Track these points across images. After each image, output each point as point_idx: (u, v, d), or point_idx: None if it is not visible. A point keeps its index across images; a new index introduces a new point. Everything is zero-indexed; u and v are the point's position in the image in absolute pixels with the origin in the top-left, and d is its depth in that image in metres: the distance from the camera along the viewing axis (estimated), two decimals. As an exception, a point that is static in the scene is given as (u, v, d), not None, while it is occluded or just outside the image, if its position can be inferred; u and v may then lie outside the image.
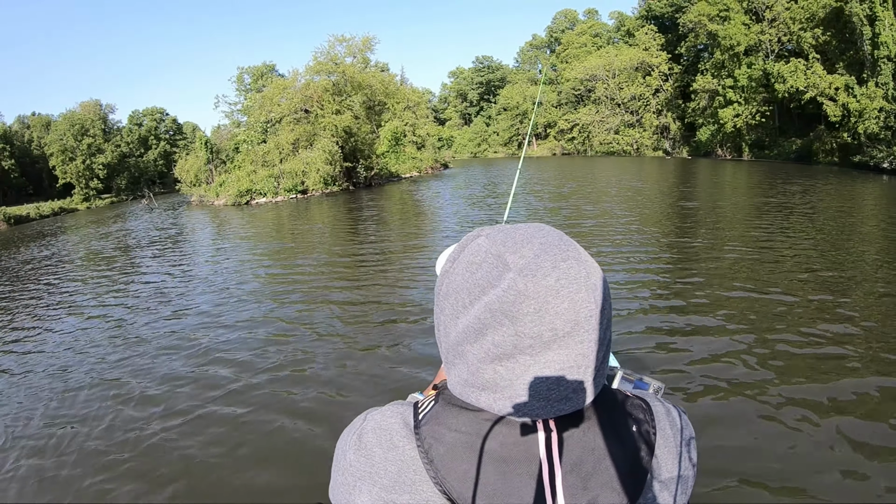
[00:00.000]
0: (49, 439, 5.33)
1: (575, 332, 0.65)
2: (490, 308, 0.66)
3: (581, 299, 0.66)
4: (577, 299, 0.65)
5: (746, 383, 5.26)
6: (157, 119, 74.22)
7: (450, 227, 16.90)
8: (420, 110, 51.45)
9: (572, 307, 0.65)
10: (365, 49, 41.97)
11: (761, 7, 39.37)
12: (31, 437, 5.45)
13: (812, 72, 34.75)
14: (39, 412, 6.02)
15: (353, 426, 0.77)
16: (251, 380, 6.26)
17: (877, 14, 28.54)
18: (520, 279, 0.65)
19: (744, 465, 4.04)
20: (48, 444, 5.24)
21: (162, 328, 8.72)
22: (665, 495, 0.71)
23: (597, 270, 0.70)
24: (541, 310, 0.64)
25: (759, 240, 11.40)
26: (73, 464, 4.84)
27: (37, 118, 62.31)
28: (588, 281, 0.67)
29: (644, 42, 58.97)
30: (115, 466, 4.72)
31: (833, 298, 7.47)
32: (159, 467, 4.65)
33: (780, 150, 37.83)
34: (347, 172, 37.11)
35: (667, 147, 54.41)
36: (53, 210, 48.34)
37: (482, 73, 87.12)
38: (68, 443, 5.22)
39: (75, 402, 6.15)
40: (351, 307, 8.92)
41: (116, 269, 15.25)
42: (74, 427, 5.53)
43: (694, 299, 7.91)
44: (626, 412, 0.73)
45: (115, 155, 59.98)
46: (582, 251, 0.71)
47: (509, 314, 0.65)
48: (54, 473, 4.73)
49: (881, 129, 27.95)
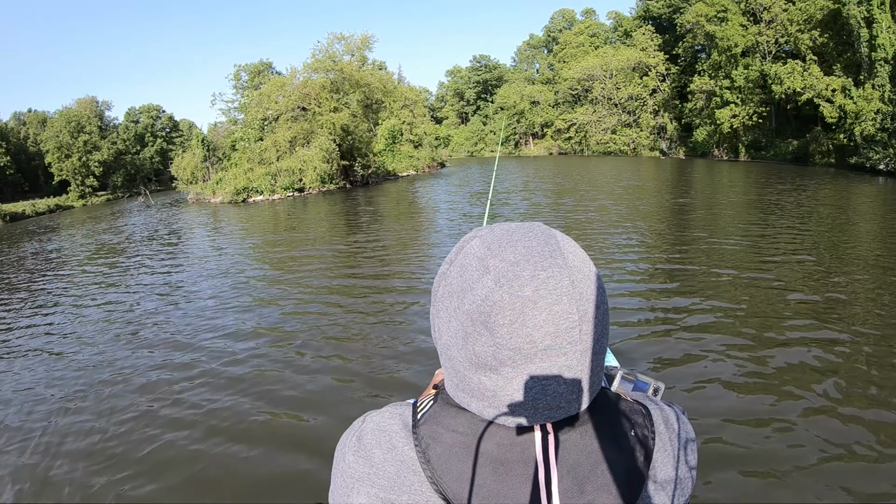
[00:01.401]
0: (46, 429, 5.34)
1: (556, 345, 0.64)
2: (470, 316, 0.66)
3: (561, 311, 0.63)
4: (557, 311, 0.63)
5: (747, 382, 5.27)
6: (153, 116, 74.06)
7: (447, 225, 16.93)
8: (417, 109, 51.48)
9: (551, 319, 0.63)
10: (363, 47, 41.90)
11: (759, 8, 39.39)
12: (28, 427, 5.46)
13: (809, 73, 34.82)
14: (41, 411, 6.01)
15: (352, 428, 0.76)
16: (253, 374, 6.27)
17: (874, 16, 28.61)
18: (496, 289, 0.64)
19: (744, 466, 4.05)
20: (48, 438, 5.24)
21: (160, 325, 8.71)
22: (662, 498, 0.71)
23: (586, 277, 0.68)
24: (516, 321, 0.63)
25: (755, 237, 11.45)
26: (74, 456, 4.84)
27: (33, 115, 62.14)
28: (572, 290, 0.65)
29: (641, 42, 58.94)
30: (123, 457, 4.73)
31: (828, 298, 7.50)
32: (164, 461, 4.65)
33: (777, 151, 37.87)
34: (344, 171, 37.07)
35: (663, 147, 54.42)
36: (49, 207, 48.23)
37: (479, 72, 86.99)
38: (68, 433, 5.22)
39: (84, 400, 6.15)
40: (349, 300, 8.92)
41: (117, 263, 15.21)
42: (77, 417, 5.54)
43: (694, 298, 7.93)
44: (624, 416, 0.73)
45: (111, 152, 59.80)
46: (571, 255, 0.68)
47: (487, 324, 0.64)
48: (50, 470, 4.72)
49: (877, 130, 27.99)
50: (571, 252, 0.69)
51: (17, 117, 63.44)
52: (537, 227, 0.72)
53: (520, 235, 0.69)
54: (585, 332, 0.66)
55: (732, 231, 12.82)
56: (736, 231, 12.79)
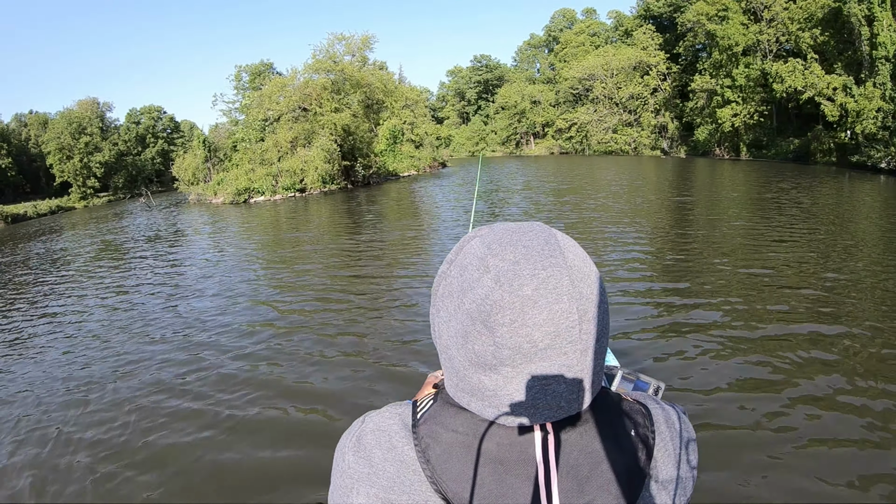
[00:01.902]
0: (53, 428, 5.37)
1: (556, 345, 0.64)
2: (470, 315, 0.66)
3: (561, 310, 0.63)
4: (557, 310, 0.63)
5: (749, 381, 5.28)
6: (154, 117, 74.01)
7: (447, 225, 16.94)
8: (418, 109, 51.49)
9: (551, 318, 0.63)
10: (364, 48, 41.87)
11: (759, 7, 39.37)
12: (31, 426, 5.50)
13: (810, 72, 34.77)
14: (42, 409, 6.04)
15: (351, 429, 0.76)
16: (259, 370, 6.30)
17: (875, 14, 28.56)
18: (496, 288, 0.64)
19: (744, 465, 4.05)
20: (56, 436, 5.27)
21: (164, 324, 8.75)
22: (664, 498, 0.71)
23: (586, 277, 0.67)
24: (516, 321, 0.63)
25: (757, 235, 11.45)
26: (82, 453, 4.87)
27: (34, 116, 62.11)
28: (572, 289, 0.64)
29: (642, 41, 58.94)
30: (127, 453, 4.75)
31: (830, 295, 7.50)
32: (167, 453, 4.68)
33: (778, 150, 37.83)
34: (346, 171, 37.10)
35: (664, 146, 54.40)
36: (51, 209, 48.36)
37: (480, 71, 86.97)
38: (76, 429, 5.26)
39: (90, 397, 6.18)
40: (351, 299, 8.95)
41: (121, 263, 15.24)
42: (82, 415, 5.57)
43: (695, 297, 7.94)
44: (625, 415, 0.73)
45: (112, 153, 59.83)
46: (571, 254, 0.68)
47: (487, 324, 0.64)
48: (58, 470, 4.75)
49: (879, 129, 27.96)
50: (571, 251, 0.69)
51: (18, 119, 63.46)
52: (537, 226, 0.72)
53: (520, 235, 0.69)
54: (586, 331, 0.65)
55: (733, 229, 12.81)
56: (737, 229, 12.78)
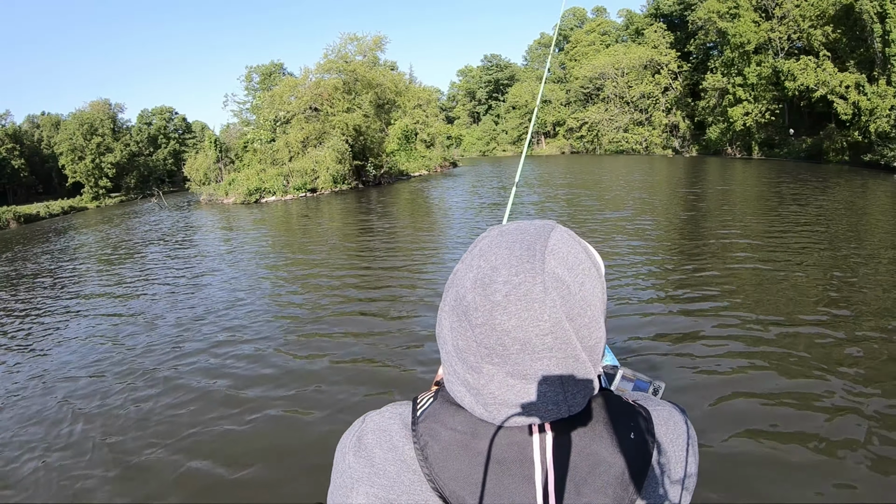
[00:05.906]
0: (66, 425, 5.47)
1: (526, 350, 0.64)
2: (455, 311, 0.69)
3: (530, 318, 0.64)
4: (526, 317, 0.64)
5: (751, 380, 5.26)
6: (166, 118, 74.43)
7: (460, 224, 16.98)
8: (430, 109, 51.42)
9: (520, 325, 0.64)
10: (375, 48, 41.87)
11: (771, 4, 39.10)
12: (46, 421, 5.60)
13: (822, 69, 34.48)
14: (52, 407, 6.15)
15: (352, 429, 0.76)
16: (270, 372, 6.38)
17: (887, 11, 28.23)
18: (471, 289, 0.66)
19: (744, 465, 4.06)
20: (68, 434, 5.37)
21: (176, 323, 8.85)
22: (663, 499, 0.70)
23: (564, 284, 0.67)
24: (487, 324, 0.64)
25: (768, 236, 11.41)
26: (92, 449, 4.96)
27: (46, 117, 62.68)
28: (545, 297, 0.64)
29: (653, 40, 58.65)
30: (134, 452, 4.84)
31: (841, 294, 7.49)
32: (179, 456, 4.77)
33: (790, 149, 37.58)
34: (357, 171, 37.14)
35: (676, 145, 54.15)
36: (63, 209, 48.65)
37: (491, 71, 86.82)
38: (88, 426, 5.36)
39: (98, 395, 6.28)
40: (362, 296, 9.02)
41: (135, 261, 15.38)
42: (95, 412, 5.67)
43: (697, 296, 7.94)
44: (624, 417, 0.72)
45: (124, 154, 60.16)
46: (555, 261, 0.67)
47: (468, 320, 0.66)
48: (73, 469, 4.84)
49: (892, 127, 27.70)
50: (557, 258, 0.68)
51: (30, 120, 64.13)
52: (534, 228, 0.72)
53: (511, 237, 0.70)
54: (561, 338, 0.65)
55: (743, 227, 12.76)
56: (747, 227, 12.74)
